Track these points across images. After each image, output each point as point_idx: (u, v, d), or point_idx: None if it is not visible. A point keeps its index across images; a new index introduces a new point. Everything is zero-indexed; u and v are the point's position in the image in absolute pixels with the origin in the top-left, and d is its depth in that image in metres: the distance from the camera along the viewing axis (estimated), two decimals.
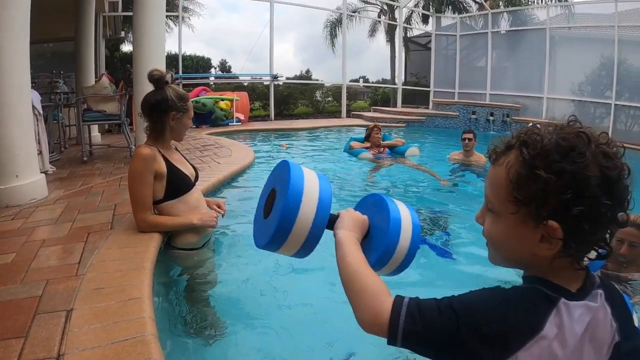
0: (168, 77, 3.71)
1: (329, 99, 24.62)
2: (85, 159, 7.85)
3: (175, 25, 19.47)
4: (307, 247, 1.51)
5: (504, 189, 1.19)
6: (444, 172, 8.44)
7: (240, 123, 15.00)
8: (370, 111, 21.73)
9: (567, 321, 1.12)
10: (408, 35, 28.67)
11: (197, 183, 3.98)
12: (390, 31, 28.57)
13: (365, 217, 1.58)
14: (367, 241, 1.55)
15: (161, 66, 7.36)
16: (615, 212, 1.10)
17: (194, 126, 13.74)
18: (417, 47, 28.89)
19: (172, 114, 3.65)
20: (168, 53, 20.32)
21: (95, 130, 9.94)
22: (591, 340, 1.13)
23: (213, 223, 3.76)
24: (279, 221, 1.44)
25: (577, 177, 1.08)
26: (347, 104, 21.43)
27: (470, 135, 8.88)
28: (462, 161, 9.10)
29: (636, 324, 1.38)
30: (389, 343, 1.20)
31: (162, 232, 3.69)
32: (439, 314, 1.16)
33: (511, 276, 3.54)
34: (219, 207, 4.13)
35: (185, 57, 21.61)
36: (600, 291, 1.19)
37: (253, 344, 2.93)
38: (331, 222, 1.53)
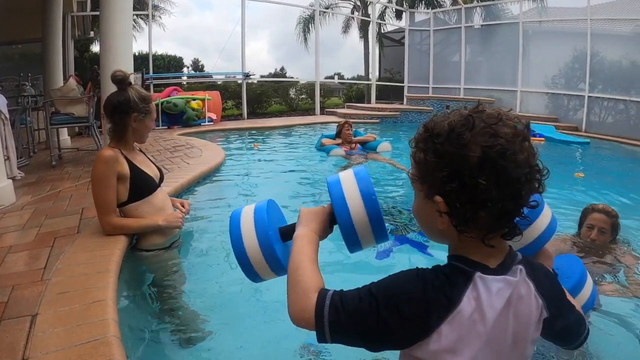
0: (131, 78, 3.73)
1: (303, 96, 24.64)
2: (54, 163, 7.79)
3: (146, 24, 19.35)
4: (278, 269, 1.58)
5: (413, 168, 1.32)
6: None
7: (212, 123, 14.95)
8: (344, 108, 21.80)
9: (484, 295, 1.19)
10: (382, 31, 28.78)
11: (163, 184, 4.00)
12: (364, 27, 28.64)
13: (322, 206, 1.60)
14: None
15: (129, 67, 7.35)
16: (507, 191, 1.16)
17: (166, 127, 13.69)
18: (391, 42, 29.05)
19: (134, 116, 3.67)
20: (139, 53, 20.25)
21: (64, 133, 9.85)
22: (516, 316, 1.22)
23: (178, 224, 3.80)
24: (239, 263, 1.59)
25: (454, 157, 1.17)
26: (321, 101, 21.48)
27: None
28: None
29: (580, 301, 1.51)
30: (319, 340, 1.26)
31: (128, 234, 3.73)
32: (359, 300, 1.22)
33: None
34: (182, 207, 4.16)
35: (156, 57, 21.57)
36: (520, 267, 1.26)
37: (223, 343, 2.97)
38: (290, 231, 1.59)
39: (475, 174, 1.15)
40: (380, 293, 1.23)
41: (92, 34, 16.87)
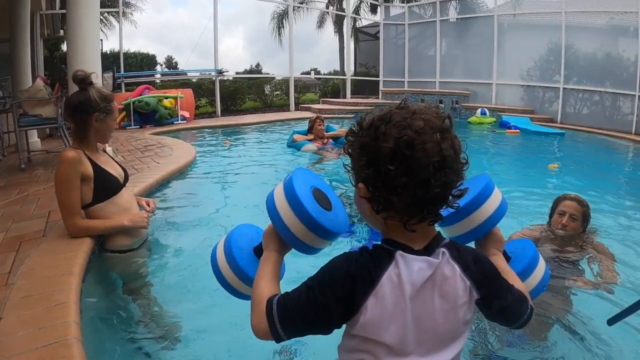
0: (93, 77, 3.72)
1: (277, 92, 24.62)
2: (23, 166, 7.67)
3: (117, 21, 19.16)
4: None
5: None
6: None
7: (185, 121, 14.88)
8: (319, 103, 21.83)
9: (405, 272, 1.33)
10: (357, 25, 28.80)
11: (129, 184, 4.01)
12: (339, 22, 28.64)
13: (270, 225, 1.71)
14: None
15: (97, 65, 7.31)
16: (414, 179, 1.28)
17: (138, 126, 13.62)
18: (366, 37, 29.06)
19: (96, 115, 3.65)
20: (111, 51, 20.05)
21: (34, 135, 9.67)
22: (442, 296, 1.36)
23: (144, 223, 3.81)
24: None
25: (369, 148, 1.35)
26: (296, 97, 21.48)
27: None
28: None
29: (531, 284, 1.79)
30: (277, 340, 1.42)
31: (94, 236, 3.73)
32: (299, 295, 1.39)
33: None
34: (147, 206, 4.17)
35: (128, 55, 21.36)
36: (443, 250, 1.40)
37: (193, 344, 2.99)
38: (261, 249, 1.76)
39: (387, 162, 1.30)
40: (315, 283, 1.40)
41: (61, 32, 16.67)
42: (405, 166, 1.28)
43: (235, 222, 4.94)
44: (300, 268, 3.81)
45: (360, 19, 28.56)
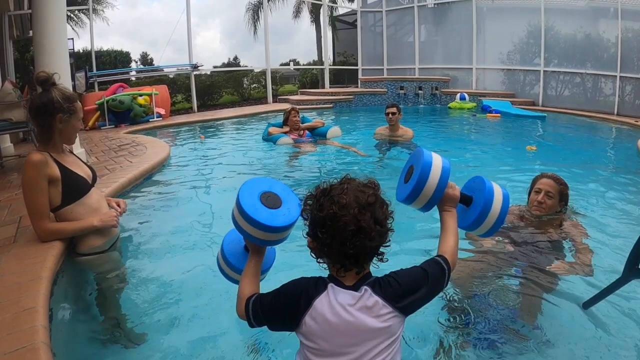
0: (55, 78, 3.71)
1: (255, 85, 24.57)
2: None
3: (89, 19, 18.97)
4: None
5: None
6: (370, 149, 8.73)
7: (161, 118, 14.81)
8: (297, 94, 21.82)
9: (333, 299, 1.88)
10: (334, 14, 28.80)
11: (98, 184, 4.01)
12: (315, 11, 28.65)
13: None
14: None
15: (65, 65, 7.27)
16: (335, 242, 1.84)
17: (113, 126, 13.55)
18: (343, 25, 29.08)
19: (59, 117, 3.64)
20: (84, 50, 19.88)
21: (6, 140, 9.51)
22: (370, 314, 1.88)
23: (113, 222, 3.81)
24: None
25: (312, 214, 1.96)
26: (274, 89, 21.46)
27: (393, 110, 9.15)
28: (388, 137, 9.39)
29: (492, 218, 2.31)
30: (250, 326, 2.08)
31: (64, 239, 3.73)
32: (267, 302, 2.02)
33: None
34: (117, 206, 4.17)
35: (101, 53, 21.23)
36: (365, 287, 1.91)
37: (165, 344, 3.01)
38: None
39: (319, 227, 1.89)
40: (280, 291, 2.01)
41: (31, 33, 16.49)
42: (330, 232, 1.85)
43: (208, 218, 5.03)
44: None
45: (337, 7, 28.56)
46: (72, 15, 21.38)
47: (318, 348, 1.88)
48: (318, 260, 1.99)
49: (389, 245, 1.98)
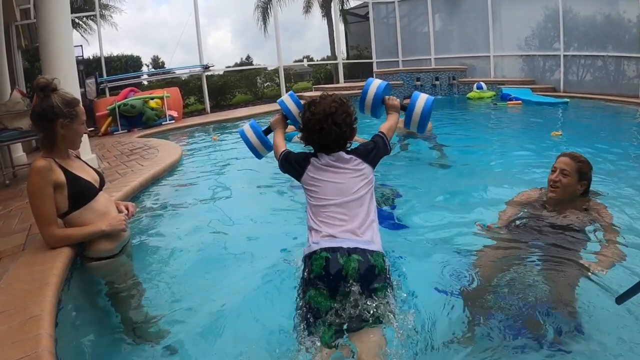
0: (56, 83, 3.70)
1: (267, 83, 24.56)
2: (7, 182, 7.62)
3: (97, 25, 19.02)
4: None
5: None
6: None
7: (174, 121, 14.91)
8: (311, 91, 21.75)
9: (317, 163, 3.16)
10: (345, 7, 28.71)
11: (106, 188, 4.01)
12: (326, 5, 28.59)
13: (277, 116, 3.81)
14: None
15: (72, 72, 7.31)
16: (310, 135, 3.15)
17: (125, 130, 13.60)
18: (355, 18, 28.95)
19: (61, 122, 3.61)
20: (94, 56, 19.97)
21: (18, 150, 9.56)
22: (346, 162, 3.15)
23: (122, 226, 3.77)
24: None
25: (302, 118, 3.26)
26: (288, 87, 21.42)
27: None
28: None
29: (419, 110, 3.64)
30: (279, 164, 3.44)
31: (73, 244, 3.72)
32: (291, 156, 3.34)
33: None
34: (126, 209, 4.13)
35: (112, 58, 21.30)
36: (342, 152, 3.18)
37: (183, 347, 3.00)
38: (269, 129, 3.89)
39: (303, 126, 3.19)
40: (296, 155, 3.31)
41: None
42: (307, 129, 3.14)
43: (221, 219, 5.00)
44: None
45: (347, 0, 28.47)
46: (80, 22, 21.49)
47: (316, 190, 3.08)
48: (306, 145, 3.27)
49: (350, 138, 3.19)
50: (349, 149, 3.22)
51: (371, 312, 2.64)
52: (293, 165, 3.26)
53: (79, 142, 3.86)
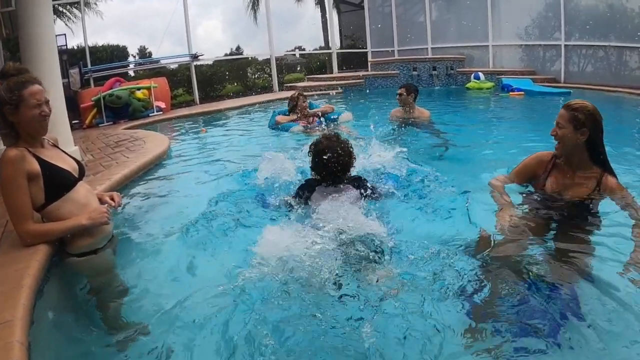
0: (11, 69, 3.55)
1: (258, 74, 24.44)
2: None
3: (81, 12, 18.74)
4: None
5: None
6: (386, 132, 8.51)
7: (161, 112, 14.68)
8: (304, 81, 21.58)
9: (321, 189, 4.46)
10: None
11: (88, 179, 3.90)
12: None
13: None
14: None
15: (53, 62, 7.13)
16: (315, 169, 4.56)
17: (111, 122, 13.40)
18: (349, 7, 28.75)
19: (6, 109, 3.45)
20: (79, 46, 19.68)
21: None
22: (340, 191, 4.43)
23: (104, 219, 3.64)
24: None
25: (311, 158, 4.63)
26: (280, 77, 21.27)
27: (401, 91, 9.20)
28: (403, 118, 9.31)
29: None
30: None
31: (50, 241, 3.56)
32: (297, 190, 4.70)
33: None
34: (112, 200, 4.04)
35: (97, 49, 20.95)
36: (346, 183, 4.51)
37: (168, 346, 2.87)
38: None
39: (312, 163, 4.56)
40: (300, 185, 4.71)
41: None
42: (314, 165, 4.48)
43: (210, 213, 4.87)
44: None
45: None
46: (63, 10, 21.18)
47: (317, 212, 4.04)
48: (315, 175, 4.52)
49: (349, 171, 4.51)
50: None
51: None
52: (300, 194, 4.61)
53: (41, 127, 3.63)
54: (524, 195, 4.31)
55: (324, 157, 4.27)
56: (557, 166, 4.10)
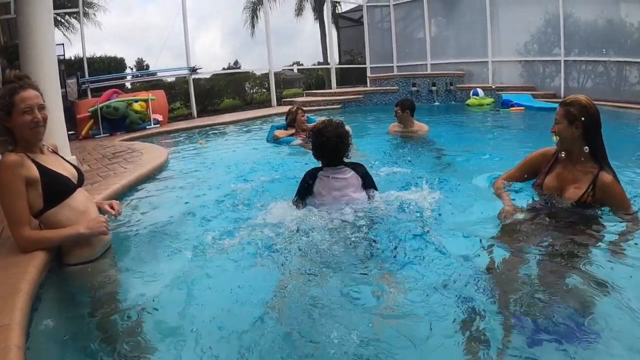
0: (7, 77, 3.57)
1: (256, 88, 24.49)
2: None
3: (79, 23, 18.77)
4: None
5: None
6: (384, 147, 8.58)
7: (159, 125, 14.65)
8: (303, 96, 21.62)
9: (325, 174, 4.64)
10: (338, 10, 28.66)
11: (86, 188, 3.87)
12: (318, 8, 28.54)
13: None
14: None
15: (53, 71, 7.11)
16: (317, 153, 4.75)
17: (108, 134, 13.39)
18: (349, 23, 28.89)
19: (0, 115, 3.47)
20: (76, 56, 19.71)
21: None
22: (342, 174, 4.67)
23: (102, 229, 3.62)
24: None
25: (312, 142, 4.87)
26: (278, 92, 21.31)
27: (397, 109, 9.32)
28: (401, 133, 9.39)
29: None
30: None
31: (48, 248, 3.54)
32: (298, 187, 4.82)
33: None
34: (111, 208, 4.03)
35: (94, 60, 20.99)
36: (344, 167, 4.69)
37: (167, 353, 2.85)
38: None
39: (313, 146, 4.75)
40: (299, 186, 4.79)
41: None
42: (315, 149, 4.74)
43: (207, 224, 4.84)
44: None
45: (340, 3, 28.42)
46: (62, 20, 21.24)
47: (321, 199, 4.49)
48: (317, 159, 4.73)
49: (347, 150, 4.68)
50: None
51: None
52: (303, 186, 4.77)
53: (34, 133, 3.59)
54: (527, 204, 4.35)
55: (322, 137, 4.55)
56: (559, 162, 4.17)
